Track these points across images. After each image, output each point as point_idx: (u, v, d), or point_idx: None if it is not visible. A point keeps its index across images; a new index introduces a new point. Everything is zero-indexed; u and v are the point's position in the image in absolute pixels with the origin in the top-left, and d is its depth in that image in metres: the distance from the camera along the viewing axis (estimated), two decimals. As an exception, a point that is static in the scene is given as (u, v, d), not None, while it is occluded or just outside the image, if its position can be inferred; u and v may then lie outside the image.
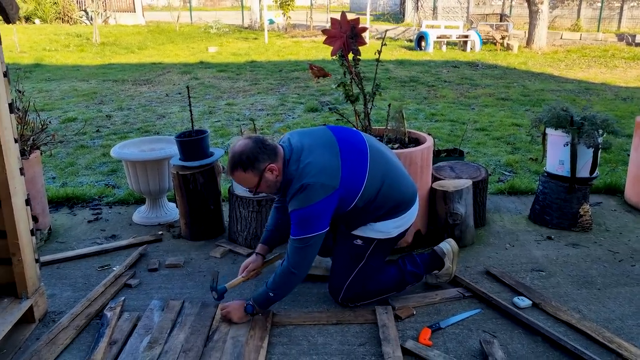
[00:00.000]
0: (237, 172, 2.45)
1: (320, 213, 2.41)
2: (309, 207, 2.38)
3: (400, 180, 2.63)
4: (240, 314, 2.60)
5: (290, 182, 2.44)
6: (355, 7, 30.19)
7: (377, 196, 2.52)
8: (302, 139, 2.53)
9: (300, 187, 2.38)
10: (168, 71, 11.27)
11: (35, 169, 3.52)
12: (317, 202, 2.37)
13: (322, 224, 2.43)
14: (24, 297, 2.59)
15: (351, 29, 3.14)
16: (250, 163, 2.42)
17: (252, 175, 2.45)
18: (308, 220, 2.41)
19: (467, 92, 8.80)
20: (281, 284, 2.53)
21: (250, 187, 2.52)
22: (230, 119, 7.15)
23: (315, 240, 2.44)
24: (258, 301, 2.58)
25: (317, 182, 2.37)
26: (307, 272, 2.56)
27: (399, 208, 2.61)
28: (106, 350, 2.42)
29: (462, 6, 20.71)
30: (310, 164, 2.41)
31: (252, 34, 19.01)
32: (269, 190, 2.55)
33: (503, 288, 2.94)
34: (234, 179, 2.51)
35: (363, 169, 2.49)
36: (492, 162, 5.20)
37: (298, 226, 2.43)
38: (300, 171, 2.40)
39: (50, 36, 16.67)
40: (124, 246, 3.48)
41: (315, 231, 2.42)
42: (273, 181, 2.49)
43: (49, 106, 7.92)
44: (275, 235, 2.85)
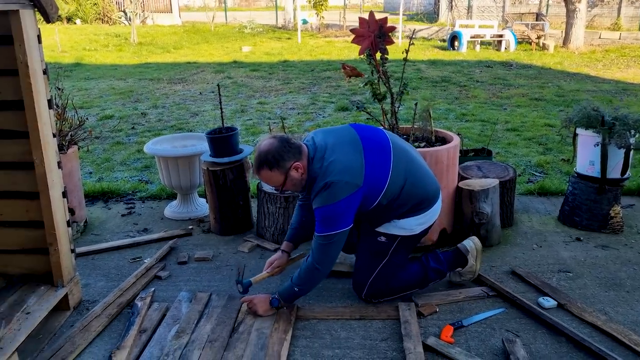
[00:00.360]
0: (264, 171, 2.51)
1: (344, 210, 2.45)
2: (332, 205, 2.43)
3: (424, 178, 2.65)
4: (266, 307, 2.66)
5: (314, 180, 2.49)
6: (388, 7, 30.07)
7: (401, 194, 2.55)
8: (326, 138, 2.57)
9: (325, 185, 2.42)
10: (202, 70, 11.45)
11: (72, 164, 3.65)
12: (340, 199, 2.42)
13: (345, 221, 2.47)
14: (59, 285, 2.71)
15: (379, 28, 3.16)
16: (276, 162, 2.48)
17: (278, 174, 2.51)
18: (332, 218, 2.45)
19: (500, 92, 8.70)
20: (306, 279, 2.58)
21: (276, 186, 2.59)
22: (262, 117, 7.24)
23: (339, 237, 2.48)
24: (283, 295, 2.64)
25: (341, 180, 2.41)
26: (331, 268, 2.61)
27: (422, 205, 2.63)
28: (136, 338, 2.52)
29: (497, 5, 20.43)
30: (334, 162, 2.45)
31: (286, 33, 19.14)
32: (294, 188, 2.60)
33: (528, 288, 2.93)
34: (261, 177, 2.57)
35: (386, 167, 2.52)
36: (522, 162, 5.15)
37: (322, 223, 2.48)
38: (324, 169, 2.45)
39: (90, 36, 17.12)
40: (155, 239, 3.59)
41: (339, 228, 2.46)
42: (298, 179, 2.54)
43: (87, 104, 8.16)
44: (300, 233, 2.90)
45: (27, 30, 2.35)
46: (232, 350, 2.42)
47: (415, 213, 2.63)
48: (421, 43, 15.95)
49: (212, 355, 2.38)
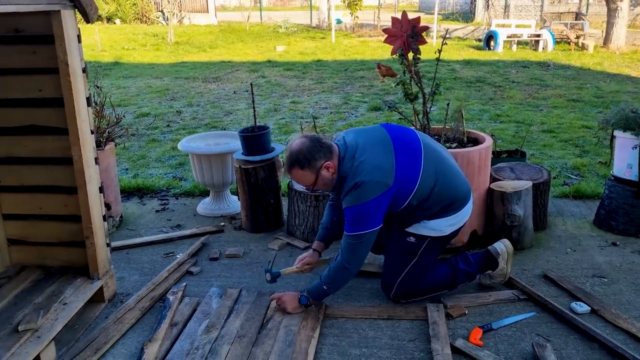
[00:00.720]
0: (295, 170, 2.53)
1: (374, 210, 2.45)
2: (362, 205, 2.43)
3: (455, 179, 2.63)
4: (295, 305, 2.68)
5: (344, 180, 2.50)
6: (424, 7, 29.82)
7: (431, 194, 2.54)
8: (356, 138, 2.58)
9: (355, 185, 2.43)
10: (237, 69, 11.58)
11: (109, 160, 3.75)
12: (370, 199, 2.42)
13: (375, 221, 2.47)
14: (95, 278, 2.79)
15: (412, 28, 3.15)
16: (307, 161, 2.49)
17: (309, 173, 2.52)
18: (361, 218, 2.46)
19: (536, 93, 8.54)
20: (335, 278, 2.60)
21: (307, 185, 2.60)
22: (294, 116, 7.29)
23: (369, 236, 2.49)
24: (312, 293, 2.66)
25: (371, 180, 2.42)
26: (359, 268, 2.61)
27: (452, 206, 2.61)
28: (167, 331, 2.57)
29: (535, 4, 20.04)
30: (364, 162, 2.45)
31: (320, 33, 19.18)
32: (325, 187, 2.62)
33: (561, 292, 2.88)
34: (292, 177, 2.60)
35: (417, 168, 2.51)
36: (558, 164, 5.06)
37: (352, 223, 2.49)
38: (355, 169, 2.46)
39: (129, 36, 17.50)
40: (188, 235, 3.66)
41: (368, 228, 2.47)
42: (329, 178, 2.55)
43: (125, 102, 8.34)
44: (331, 233, 2.91)
45: (68, 30, 2.43)
46: (260, 346, 2.45)
47: (446, 214, 2.62)
48: (456, 43, 15.78)
49: (240, 350, 2.42)
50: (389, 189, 2.44)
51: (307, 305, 2.69)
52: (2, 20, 2.53)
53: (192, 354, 2.40)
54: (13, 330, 2.32)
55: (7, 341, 2.25)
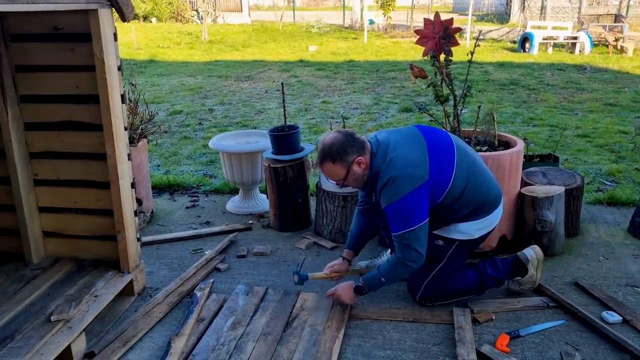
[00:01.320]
0: (326, 163, 2.52)
1: (415, 204, 2.40)
2: (400, 200, 2.39)
3: (485, 182, 2.61)
4: (351, 295, 2.67)
5: (377, 176, 2.48)
6: (458, 7, 29.50)
7: (462, 195, 2.52)
8: (389, 136, 2.57)
9: (389, 180, 2.40)
10: (269, 69, 11.65)
11: (142, 156, 3.82)
12: (407, 193, 2.38)
13: (419, 214, 2.41)
14: (125, 271, 2.85)
15: (444, 30, 3.13)
16: (339, 155, 2.48)
17: (340, 168, 2.51)
18: (404, 214, 2.41)
19: (571, 97, 8.37)
20: (393, 272, 2.55)
21: (337, 180, 2.58)
22: (325, 116, 7.30)
23: (418, 231, 2.42)
24: (368, 283, 2.62)
25: (406, 173, 2.38)
26: (422, 261, 2.50)
27: (482, 209, 2.59)
28: (194, 326, 2.61)
29: (573, 6, 19.62)
30: (398, 157, 2.43)
31: (352, 33, 19.16)
32: (355, 183, 2.60)
33: (592, 301, 2.82)
34: (323, 171, 2.58)
35: (450, 166, 2.49)
36: (592, 170, 4.95)
37: (396, 222, 2.44)
38: (387, 164, 2.43)
39: (164, 34, 17.78)
40: (217, 232, 3.70)
41: (414, 224, 2.41)
42: (360, 174, 2.54)
43: (158, 99, 8.48)
44: (360, 240, 2.89)
45: (105, 29, 2.48)
46: (285, 345, 2.47)
47: (475, 217, 2.59)
48: (490, 44, 15.56)
49: (265, 348, 2.44)
50: (425, 182, 2.40)
51: (362, 294, 2.66)
52: (42, 19, 2.60)
53: (218, 349, 2.43)
54: (46, 320, 2.39)
55: (40, 330, 2.32)
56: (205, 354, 2.41)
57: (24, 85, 2.74)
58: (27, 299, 2.57)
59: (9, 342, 2.24)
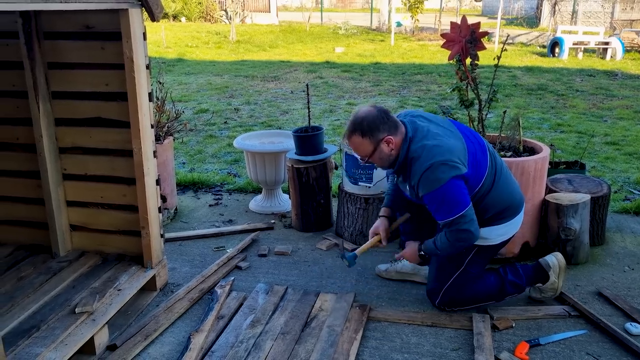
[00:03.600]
0: (355, 136, 2.48)
1: (456, 191, 2.36)
2: (441, 187, 2.35)
3: (511, 185, 2.62)
4: (416, 258, 2.69)
5: (413, 162, 2.43)
6: (487, 11, 29.18)
7: (489, 194, 2.52)
8: (428, 124, 2.52)
9: (430, 166, 2.35)
10: (295, 69, 11.69)
11: (167, 154, 3.88)
12: (447, 180, 2.34)
13: (462, 200, 2.38)
14: (149, 267, 2.90)
15: (471, 34, 3.11)
16: (369, 130, 2.44)
17: (368, 143, 2.47)
18: (446, 202, 2.37)
19: (601, 103, 8.22)
20: (447, 248, 2.51)
21: (363, 155, 2.54)
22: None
23: (467, 214, 2.39)
24: (427, 249, 2.62)
25: (448, 160, 2.35)
26: (477, 238, 2.46)
27: (504, 214, 2.58)
28: (214, 323, 2.64)
29: (605, 11, 19.27)
30: (439, 146, 2.39)
31: (379, 35, 19.11)
32: (380, 162, 2.55)
33: (615, 312, 2.77)
34: (350, 143, 2.54)
35: (484, 164, 2.50)
36: (620, 178, 4.86)
37: (439, 211, 2.41)
38: (428, 150, 2.38)
39: (193, 33, 17.97)
40: (239, 231, 3.74)
41: (460, 210, 2.37)
42: (387, 154, 2.49)
43: (185, 97, 8.59)
44: (397, 196, 2.82)
45: (134, 28, 2.53)
46: (303, 344, 2.49)
47: (497, 222, 2.58)
48: (519, 49, 15.37)
49: (283, 346, 2.46)
50: (465, 173, 2.38)
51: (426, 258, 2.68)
52: (74, 17, 2.67)
53: (237, 347, 2.46)
54: (70, 312, 2.45)
55: (65, 321, 2.38)
56: (224, 350, 2.44)
57: (55, 82, 2.81)
58: (53, 290, 2.63)
59: (34, 332, 2.30)
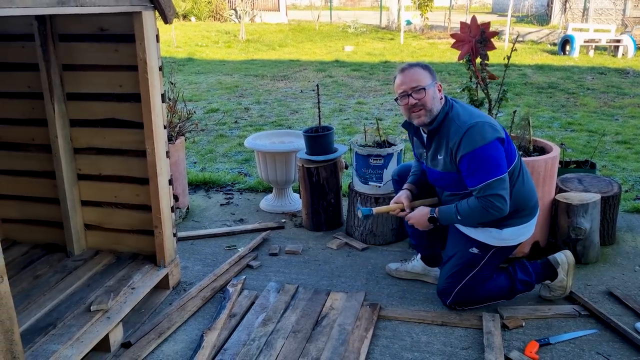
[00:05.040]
0: (418, 67, 2.56)
1: (497, 153, 2.40)
2: (485, 146, 2.38)
3: (530, 184, 2.65)
4: (425, 222, 2.65)
5: (453, 121, 2.48)
6: (497, 8, 29.05)
7: (514, 186, 2.56)
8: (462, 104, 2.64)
9: (475, 124, 2.41)
10: (304, 68, 11.72)
11: (179, 153, 3.92)
12: (491, 141, 2.38)
13: (502, 164, 2.41)
14: (161, 265, 2.94)
15: (480, 34, 3.12)
16: (430, 70, 2.57)
17: (428, 76, 2.54)
18: (485, 162, 2.38)
19: (612, 102, 8.18)
20: (472, 216, 2.51)
21: (420, 84, 2.50)
22: (359, 117, 7.32)
23: (504, 180, 2.40)
24: (443, 217, 2.61)
25: (488, 122, 2.44)
26: (506, 211, 2.45)
27: (523, 212, 2.61)
28: (226, 321, 2.68)
29: (617, 8, 19.12)
30: (479, 113, 2.53)
31: (389, 34, 19.08)
32: (429, 103, 2.50)
33: (625, 311, 2.78)
34: (411, 71, 2.54)
35: (514, 152, 2.57)
36: (631, 178, 4.84)
37: (478, 172, 2.39)
38: (470, 113, 2.49)
39: (202, 33, 18.05)
40: (250, 230, 3.77)
41: (500, 173, 2.39)
42: (435, 98, 2.53)
43: (196, 97, 8.64)
44: (421, 178, 2.83)
45: (148, 30, 2.57)
46: (314, 342, 2.51)
47: (517, 222, 2.60)
48: (529, 47, 15.30)
49: (295, 345, 2.49)
50: (502, 138, 2.46)
51: (435, 224, 2.64)
52: (89, 20, 2.71)
53: (249, 344, 2.49)
54: (86, 310, 2.49)
55: (80, 319, 2.42)
56: (236, 348, 2.47)
57: (70, 84, 2.85)
58: (69, 288, 2.68)
59: (51, 329, 2.34)
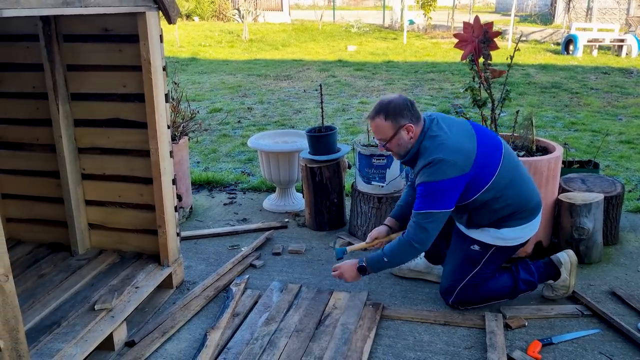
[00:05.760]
0: (379, 118, 2.56)
1: (447, 190, 2.44)
2: (437, 182, 2.43)
3: (530, 187, 2.64)
4: (353, 274, 2.68)
5: (421, 154, 2.51)
6: (501, 8, 28.98)
7: (503, 195, 2.54)
8: (443, 120, 2.61)
9: (433, 161, 2.44)
10: (308, 68, 11.72)
11: (182, 153, 3.93)
12: (446, 178, 2.42)
13: (447, 202, 2.46)
14: (165, 265, 2.95)
15: (484, 34, 3.12)
16: (393, 114, 2.53)
17: (390, 126, 2.54)
18: (434, 195, 2.45)
19: (616, 102, 8.17)
20: (397, 253, 2.58)
21: (383, 138, 2.59)
22: (362, 117, 7.31)
23: (438, 217, 2.48)
24: (371, 263, 2.64)
25: (451, 160, 2.43)
26: (426, 248, 2.56)
27: (522, 215, 2.60)
28: (229, 320, 2.69)
29: (621, 7, 19.06)
30: (447, 143, 2.47)
31: (392, 33, 19.07)
32: (397, 149, 2.60)
33: (628, 311, 2.78)
34: (372, 124, 2.60)
35: (495, 163, 2.53)
36: (635, 177, 4.84)
37: (423, 200, 2.48)
38: (436, 146, 2.47)
39: (206, 32, 18.06)
40: (253, 229, 3.78)
41: (439, 208, 2.46)
42: (406, 142, 2.56)
43: (199, 96, 8.65)
44: (404, 211, 2.88)
45: (151, 30, 2.58)
46: (317, 342, 2.52)
47: (515, 222, 2.60)
48: (533, 46, 15.27)
49: (298, 344, 2.50)
50: (465, 175, 2.44)
51: (364, 274, 2.67)
52: (93, 20, 2.72)
53: (252, 344, 2.50)
54: (90, 309, 2.50)
55: (85, 318, 2.44)
56: (239, 347, 2.48)
57: (74, 84, 2.87)
58: (73, 287, 2.69)
59: (55, 328, 2.36)
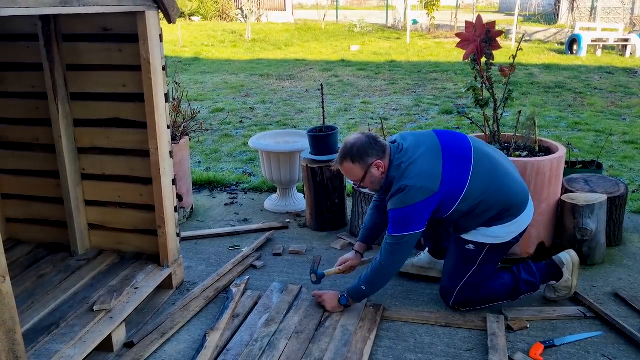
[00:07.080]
0: (346, 162, 2.61)
1: (417, 214, 2.50)
2: (406, 207, 2.49)
3: (510, 184, 2.61)
4: (334, 304, 2.74)
5: (391, 183, 2.57)
6: (504, 7, 28.91)
7: (482, 201, 2.54)
8: (408, 142, 2.62)
9: (400, 189, 2.49)
10: (310, 68, 11.71)
11: (183, 153, 3.92)
12: (414, 203, 2.47)
13: (417, 224, 2.52)
14: (165, 265, 2.94)
15: (486, 33, 3.10)
16: (359, 156, 2.57)
17: (358, 168, 2.59)
18: (405, 220, 2.51)
19: (620, 102, 8.13)
20: (373, 279, 2.64)
21: (355, 180, 2.67)
22: (364, 117, 7.30)
23: (410, 238, 2.53)
24: (351, 293, 2.71)
25: (417, 185, 2.46)
26: (398, 269, 2.68)
27: (509, 212, 2.59)
28: (229, 321, 2.67)
29: (625, 7, 18.99)
30: (412, 167, 2.51)
31: (395, 33, 19.04)
32: (372, 186, 2.67)
33: (631, 313, 2.75)
34: (342, 169, 2.67)
35: (465, 175, 2.53)
36: (638, 178, 4.80)
37: (395, 224, 2.54)
38: (402, 172, 2.52)
39: (209, 32, 18.08)
40: (254, 230, 3.77)
41: (410, 230, 2.52)
42: (378, 177, 2.61)
43: (201, 96, 8.65)
44: (372, 234, 2.97)
45: (151, 30, 2.57)
46: (317, 343, 2.50)
47: (503, 220, 2.59)
48: (536, 46, 15.22)
49: (297, 346, 2.48)
50: (434, 195, 2.47)
51: (346, 305, 2.73)
52: (92, 20, 2.71)
53: (251, 345, 2.48)
54: (89, 309, 2.49)
55: (83, 319, 2.42)
56: (239, 349, 2.47)
57: (73, 84, 2.86)
58: (72, 288, 2.68)
59: (54, 329, 2.34)
